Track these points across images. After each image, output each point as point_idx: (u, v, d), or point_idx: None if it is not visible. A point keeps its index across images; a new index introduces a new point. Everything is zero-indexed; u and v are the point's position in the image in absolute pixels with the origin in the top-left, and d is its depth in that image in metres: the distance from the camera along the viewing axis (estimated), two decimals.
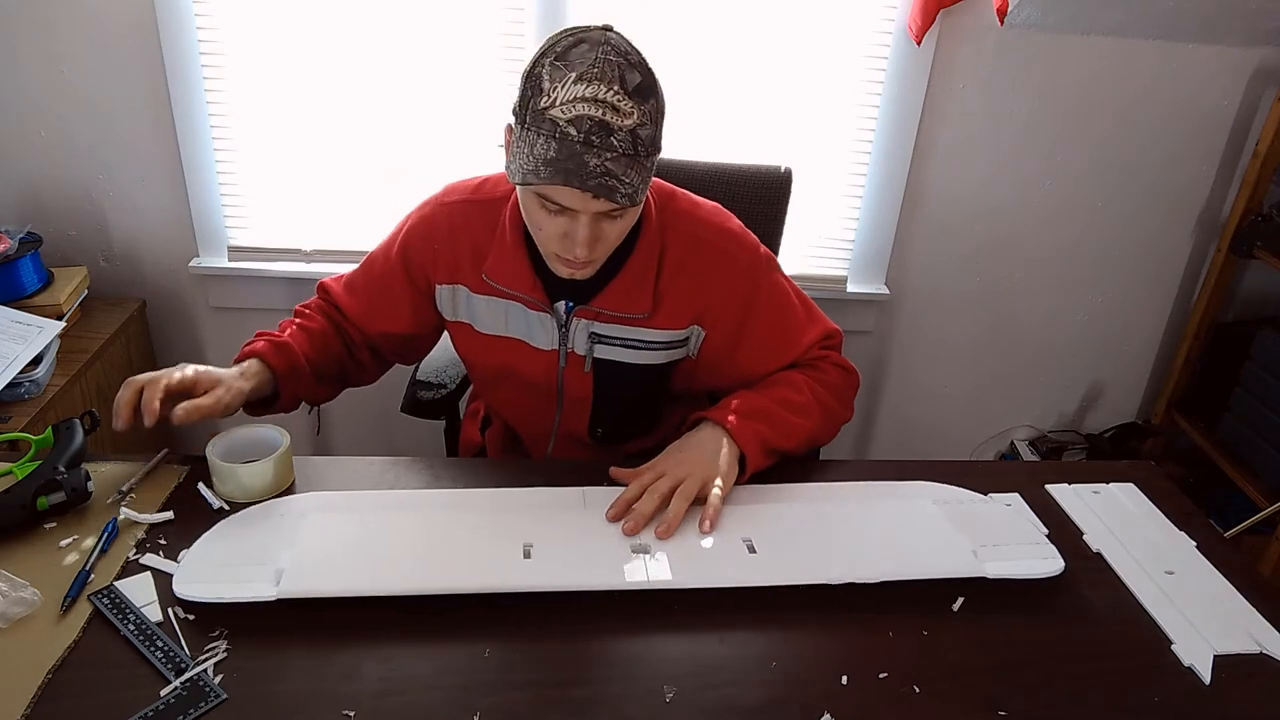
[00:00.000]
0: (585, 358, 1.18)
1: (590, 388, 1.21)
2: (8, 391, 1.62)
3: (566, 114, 0.94)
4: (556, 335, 1.17)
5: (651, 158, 1.00)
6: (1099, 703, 0.84)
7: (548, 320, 1.16)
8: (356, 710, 0.78)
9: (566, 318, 1.16)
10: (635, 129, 0.95)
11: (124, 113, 1.92)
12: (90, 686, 0.79)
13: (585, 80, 0.93)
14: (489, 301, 1.18)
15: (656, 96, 0.99)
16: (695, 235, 1.15)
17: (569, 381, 1.21)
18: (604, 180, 0.94)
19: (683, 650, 0.87)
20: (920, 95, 1.97)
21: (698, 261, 1.14)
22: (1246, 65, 2.00)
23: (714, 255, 1.15)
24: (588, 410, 1.24)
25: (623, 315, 1.14)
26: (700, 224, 1.16)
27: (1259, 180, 2.02)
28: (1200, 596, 0.97)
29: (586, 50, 0.95)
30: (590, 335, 1.16)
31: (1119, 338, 2.32)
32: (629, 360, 1.18)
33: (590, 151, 0.94)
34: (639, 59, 0.98)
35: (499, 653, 0.85)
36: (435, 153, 1.99)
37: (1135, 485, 1.16)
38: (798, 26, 1.91)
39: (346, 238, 2.07)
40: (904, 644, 0.89)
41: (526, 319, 1.17)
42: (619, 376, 1.20)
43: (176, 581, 0.89)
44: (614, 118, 0.94)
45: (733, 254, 1.16)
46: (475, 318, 1.20)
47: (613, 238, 1.05)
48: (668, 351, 1.19)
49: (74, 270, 1.96)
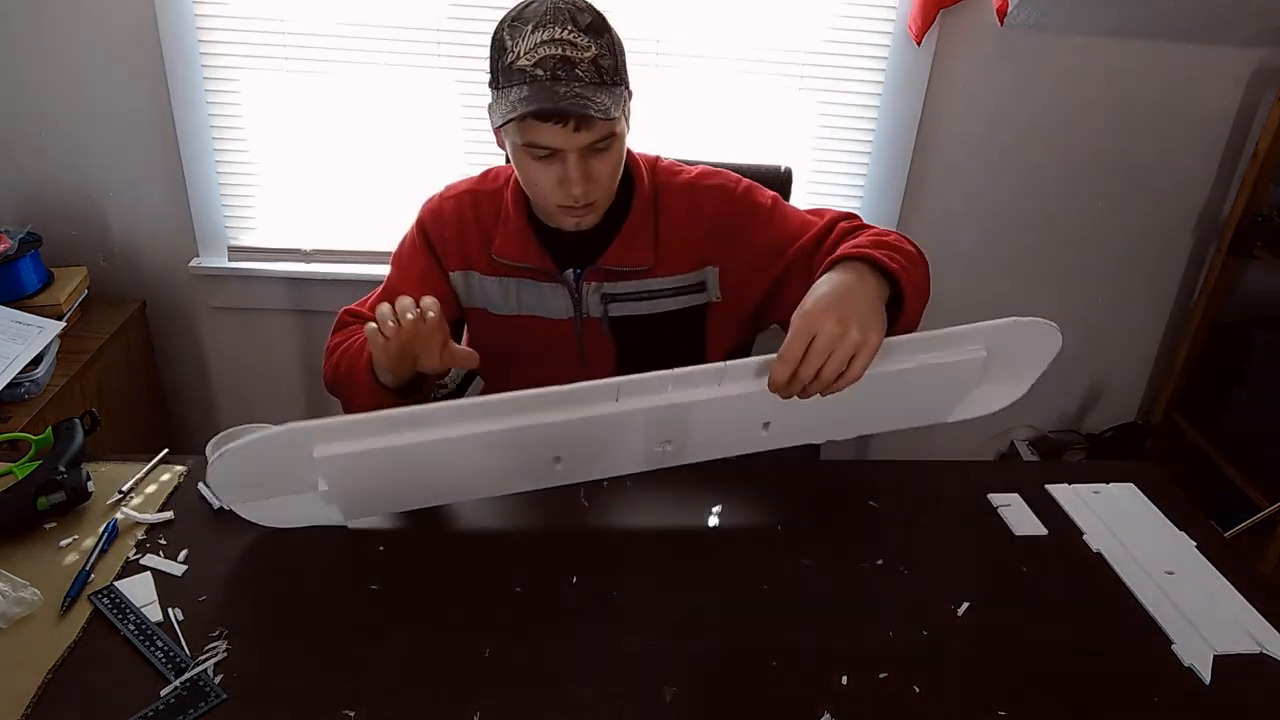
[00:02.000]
0: (601, 319, 1.21)
1: (613, 349, 1.24)
2: (8, 391, 1.62)
3: (531, 59, 1.02)
4: (570, 302, 1.21)
5: (619, 87, 1.07)
6: (1099, 703, 0.84)
7: (559, 289, 1.20)
8: (356, 710, 0.78)
9: (576, 284, 1.20)
10: (596, 59, 1.03)
11: (124, 113, 1.92)
12: (90, 686, 0.79)
13: (541, 27, 1.02)
14: (500, 282, 1.22)
15: (610, 32, 1.07)
16: (684, 183, 1.21)
17: (590, 346, 1.24)
18: (577, 102, 1.01)
19: (683, 650, 0.87)
20: (920, 95, 1.97)
21: (690, 204, 1.20)
22: (1246, 65, 2.00)
23: (704, 193, 1.20)
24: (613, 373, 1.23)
25: (629, 270, 1.19)
26: (684, 172, 1.23)
27: (1259, 180, 2.02)
28: (1200, 596, 0.97)
29: (537, 5, 1.04)
30: (603, 296, 1.20)
31: (1119, 338, 2.32)
32: (644, 312, 1.22)
33: (559, 84, 1.02)
34: (586, 3, 1.06)
35: (499, 653, 0.85)
36: (435, 153, 1.99)
37: (1135, 485, 1.16)
38: (798, 26, 1.91)
39: (346, 238, 2.07)
40: (904, 644, 0.89)
41: (539, 293, 1.21)
42: (638, 330, 1.23)
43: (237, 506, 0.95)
44: (573, 52, 1.02)
45: (721, 186, 1.21)
46: (488, 300, 1.23)
47: (605, 173, 1.10)
48: (682, 297, 1.22)
49: (74, 270, 1.96)
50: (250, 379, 2.24)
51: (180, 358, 2.21)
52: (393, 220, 2.05)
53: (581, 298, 1.20)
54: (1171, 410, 2.30)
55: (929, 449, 2.43)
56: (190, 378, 2.24)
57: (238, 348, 2.20)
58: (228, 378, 2.24)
